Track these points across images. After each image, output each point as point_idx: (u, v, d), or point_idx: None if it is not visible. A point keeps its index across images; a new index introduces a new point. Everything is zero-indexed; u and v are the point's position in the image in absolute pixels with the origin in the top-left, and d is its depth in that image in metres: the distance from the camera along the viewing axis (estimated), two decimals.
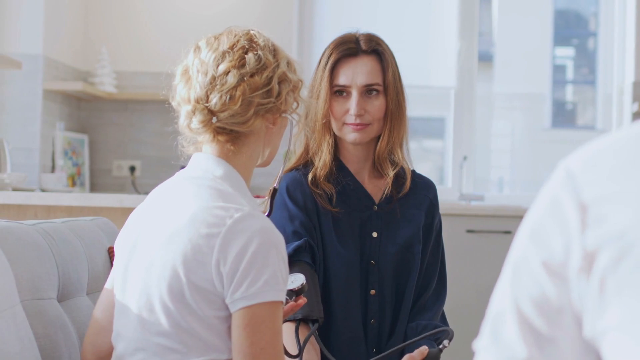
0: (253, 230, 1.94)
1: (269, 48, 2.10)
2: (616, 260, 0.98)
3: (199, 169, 2.08)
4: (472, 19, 5.99)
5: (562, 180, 1.05)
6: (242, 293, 1.93)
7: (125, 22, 5.92)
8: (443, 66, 6.06)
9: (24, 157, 5.33)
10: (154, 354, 2.01)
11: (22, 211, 4.05)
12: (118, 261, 2.14)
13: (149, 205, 2.12)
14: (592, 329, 1.00)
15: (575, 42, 11.78)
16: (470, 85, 6.00)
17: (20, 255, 2.32)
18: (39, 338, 2.27)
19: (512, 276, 1.07)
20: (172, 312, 1.97)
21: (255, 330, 1.93)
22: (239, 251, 1.92)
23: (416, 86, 6.37)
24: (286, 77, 2.09)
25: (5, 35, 5.38)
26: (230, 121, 2.03)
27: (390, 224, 2.63)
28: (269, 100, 2.05)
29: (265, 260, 1.93)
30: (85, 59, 5.93)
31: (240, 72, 2.03)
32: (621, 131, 1.06)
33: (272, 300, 1.94)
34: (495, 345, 1.07)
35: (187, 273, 1.95)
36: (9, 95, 5.38)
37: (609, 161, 1.03)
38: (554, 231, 1.04)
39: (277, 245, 1.96)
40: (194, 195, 2.03)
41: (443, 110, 6.38)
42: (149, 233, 2.06)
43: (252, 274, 1.92)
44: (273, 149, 2.16)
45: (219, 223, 1.95)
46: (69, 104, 5.79)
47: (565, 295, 1.03)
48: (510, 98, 7.52)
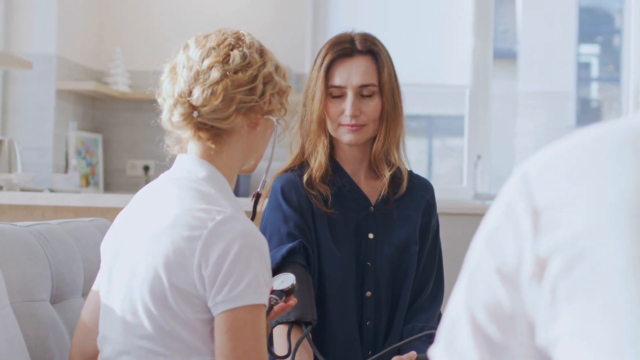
0: (235, 233, 1.93)
1: (256, 48, 2.11)
2: (568, 267, 0.96)
3: (183, 170, 2.08)
4: (487, 16, 5.96)
5: (517, 185, 1.04)
6: (224, 296, 1.92)
7: (139, 21, 5.93)
8: (458, 64, 6.04)
9: (37, 157, 5.34)
10: (137, 357, 2.00)
11: (29, 212, 4.06)
12: (104, 264, 2.14)
13: (134, 208, 2.12)
14: (544, 337, 0.99)
15: (600, 40, 11.73)
16: (486, 83, 5.96)
17: (11, 257, 2.32)
18: (30, 340, 2.27)
19: (468, 283, 1.06)
20: (155, 315, 1.97)
21: (238, 333, 1.92)
22: (221, 254, 1.91)
23: (431, 85, 6.35)
24: (272, 78, 2.09)
25: (19, 35, 5.39)
26: (211, 116, 2.02)
27: (387, 225, 2.62)
28: (252, 98, 2.04)
29: (247, 263, 1.92)
30: (99, 58, 5.93)
31: (224, 67, 2.04)
32: (578, 135, 1.04)
33: (254, 303, 1.92)
34: (449, 353, 1.06)
35: (169, 276, 1.95)
36: (22, 95, 5.39)
37: (564, 166, 1.02)
38: (508, 237, 1.02)
39: (259, 248, 1.95)
40: (176, 197, 2.02)
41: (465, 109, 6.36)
42: (133, 236, 2.05)
43: (233, 277, 1.91)
44: (256, 152, 2.14)
45: (201, 225, 1.94)
46: (83, 104, 5.80)
47: (518, 302, 1.01)
48: (534, 96, 7.49)
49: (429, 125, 14.57)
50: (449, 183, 6.57)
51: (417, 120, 14.76)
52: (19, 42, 5.37)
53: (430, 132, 14.58)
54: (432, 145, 14.88)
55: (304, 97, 2.63)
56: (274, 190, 2.60)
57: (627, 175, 0.96)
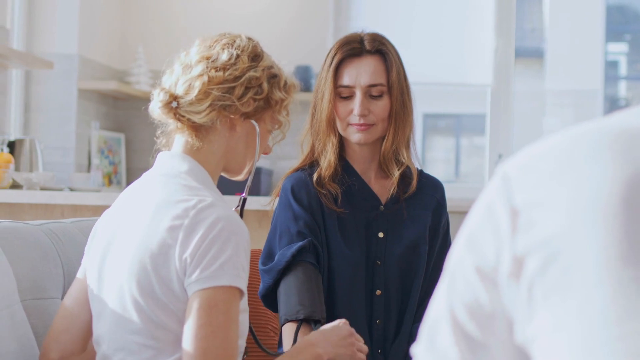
0: (214, 218, 1.96)
1: (250, 52, 2.16)
2: (544, 266, 0.97)
3: (164, 166, 2.12)
4: (509, 15, 5.94)
5: (497, 185, 1.05)
6: (197, 276, 1.94)
7: (162, 21, 5.96)
8: (480, 63, 6.02)
9: (60, 156, 5.38)
10: (131, 353, 2.03)
11: (49, 210, 4.10)
12: (89, 264, 2.17)
13: (118, 207, 2.16)
14: (522, 335, 1.00)
15: (629, 38, 11.69)
16: (507, 82, 5.95)
17: (23, 255, 2.35)
18: (40, 337, 2.30)
19: (449, 282, 1.07)
20: (143, 307, 2.00)
21: (208, 312, 1.93)
22: (200, 238, 1.95)
23: (452, 84, 6.35)
24: (259, 84, 2.13)
25: (41, 35, 5.43)
26: (187, 108, 2.08)
27: (396, 224, 2.62)
28: (229, 97, 2.09)
29: (223, 245, 1.95)
30: (121, 58, 5.97)
31: (208, 64, 2.10)
32: (558, 135, 1.05)
33: (227, 284, 1.94)
34: (430, 351, 1.07)
35: (154, 267, 1.98)
36: (44, 94, 5.44)
37: (543, 166, 1.02)
38: (487, 236, 1.03)
39: (237, 234, 1.98)
40: (159, 192, 2.06)
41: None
42: (119, 235, 2.09)
43: (208, 257, 1.94)
44: (237, 155, 2.18)
45: (183, 215, 1.98)
46: (105, 103, 5.84)
47: (497, 300, 1.02)
48: (561, 95, 7.47)
49: (456, 124, 14.59)
50: (476, 181, 6.57)
51: (445, 119, 14.78)
52: (42, 42, 5.42)
53: (457, 131, 14.60)
54: (459, 144, 14.89)
55: (313, 96, 2.64)
56: (284, 190, 2.62)
57: (603, 175, 0.97)
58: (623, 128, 1.00)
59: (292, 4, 5.92)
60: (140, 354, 2.02)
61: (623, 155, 0.97)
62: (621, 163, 0.97)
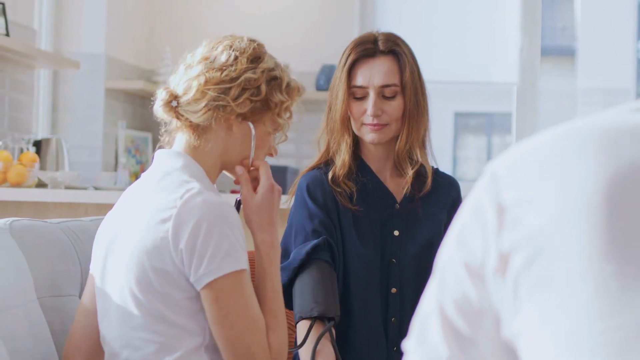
0: (202, 207, 2.01)
1: (248, 54, 2.17)
2: (528, 262, 0.98)
3: (161, 164, 2.16)
4: (534, 13, 5.92)
5: (486, 183, 1.06)
6: (204, 269, 2.00)
7: (188, 21, 5.99)
8: (506, 62, 6.01)
9: (87, 156, 5.43)
10: (135, 349, 2.08)
11: (73, 209, 4.14)
12: (95, 263, 2.22)
13: (119, 207, 2.21)
14: (509, 330, 1.01)
15: None
16: (533, 80, 5.94)
17: (40, 253, 2.38)
18: (56, 334, 2.32)
19: (439, 278, 1.09)
20: (143, 302, 2.05)
21: (226, 301, 2.01)
22: (193, 228, 2.00)
23: (478, 82, 6.34)
24: (257, 86, 2.16)
25: (69, 35, 5.49)
26: (185, 108, 2.14)
27: (412, 222, 2.63)
28: (224, 97, 2.12)
29: (220, 233, 2.00)
30: (148, 57, 6.01)
31: (207, 65, 2.14)
32: (546, 134, 1.06)
33: (235, 269, 2.01)
34: (421, 346, 1.08)
35: (150, 260, 2.03)
36: (72, 94, 5.49)
37: (529, 164, 1.04)
38: (476, 233, 1.05)
39: (226, 217, 2.03)
40: (153, 189, 2.11)
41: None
42: (119, 234, 2.14)
43: (210, 250, 2.00)
44: (235, 156, 2.20)
45: (171, 206, 2.03)
46: (132, 103, 5.88)
47: (484, 296, 1.03)
48: (592, 93, 7.45)
49: (487, 122, 14.54)
50: None
51: (476, 118, 14.73)
52: (69, 42, 5.47)
53: (488, 129, 14.55)
54: (490, 143, 14.83)
55: (329, 96, 2.65)
56: (300, 188, 2.64)
57: (587, 172, 0.98)
58: (608, 126, 1.01)
59: (317, 2, 5.93)
60: (144, 349, 2.06)
61: (607, 152, 0.98)
62: (605, 161, 0.98)
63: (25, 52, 4.65)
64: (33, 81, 5.18)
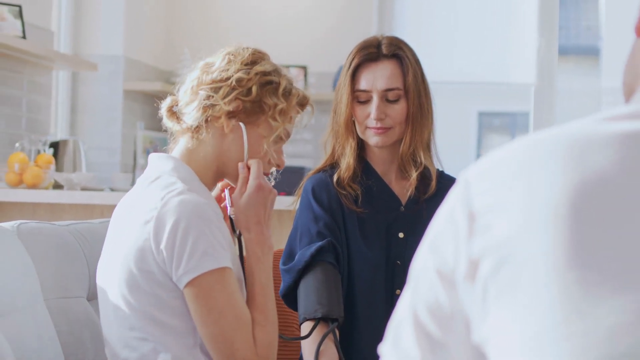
0: (179, 207, 2.04)
1: (244, 58, 2.21)
2: (496, 268, 1.00)
3: (155, 169, 2.19)
4: (551, 13, 5.91)
5: (459, 191, 1.08)
6: (184, 268, 2.03)
7: (207, 22, 6.01)
8: (523, 62, 6.01)
9: (106, 157, 5.47)
10: (133, 349, 2.11)
11: (89, 210, 4.17)
12: (98, 268, 2.27)
13: (116, 213, 2.25)
14: (478, 335, 1.03)
15: None
16: (550, 81, 5.93)
17: (48, 255, 2.40)
18: (63, 335, 2.34)
19: (414, 284, 1.11)
20: (133, 304, 2.08)
21: (208, 297, 2.04)
22: (171, 229, 2.03)
23: (496, 83, 6.33)
24: (247, 86, 2.18)
25: (87, 37, 5.52)
26: (183, 111, 2.19)
27: (417, 225, 2.63)
28: (212, 96, 2.16)
29: (198, 232, 2.03)
30: (167, 59, 6.04)
31: (204, 69, 2.21)
32: (517, 142, 1.07)
33: (214, 268, 2.04)
34: (395, 350, 1.11)
35: (136, 262, 2.07)
36: (90, 95, 5.53)
37: (499, 172, 1.05)
38: (448, 240, 1.07)
39: (204, 216, 2.05)
40: (141, 193, 2.15)
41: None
42: (112, 239, 2.19)
43: (188, 249, 2.02)
44: (231, 159, 2.22)
45: (153, 208, 2.06)
46: (151, 104, 5.89)
47: (455, 302, 1.05)
48: (616, 92, 7.41)
49: (511, 122, 14.47)
50: None
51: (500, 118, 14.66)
52: (88, 44, 5.50)
53: (512, 129, 14.47)
54: None
55: (334, 99, 2.67)
56: (305, 191, 2.65)
57: (555, 181, 0.99)
58: (577, 135, 1.03)
59: (335, 4, 5.94)
60: (140, 348, 2.10)
61: (574, 162, 1.00)
62: (572, 169, 0.99)
63: (42, 54, 4.69)
64: (51, 83, 5.21)
